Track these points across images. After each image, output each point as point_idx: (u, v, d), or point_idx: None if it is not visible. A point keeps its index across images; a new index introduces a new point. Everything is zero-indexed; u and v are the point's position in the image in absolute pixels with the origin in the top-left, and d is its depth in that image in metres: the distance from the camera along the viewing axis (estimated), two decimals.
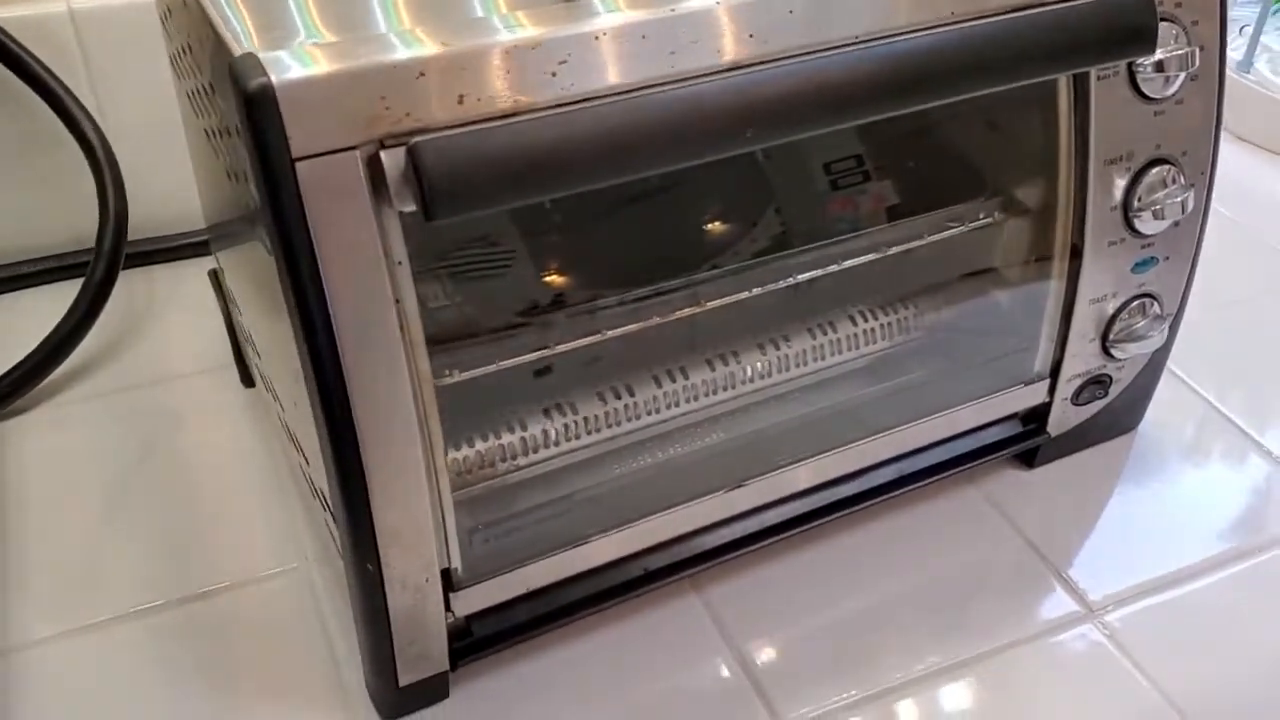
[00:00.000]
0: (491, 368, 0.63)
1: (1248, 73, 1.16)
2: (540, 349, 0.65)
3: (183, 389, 0.89)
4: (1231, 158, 0.73)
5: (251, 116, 0.49)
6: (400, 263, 0.54)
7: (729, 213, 0.76)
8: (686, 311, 0.68)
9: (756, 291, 0.69)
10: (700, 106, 0.53)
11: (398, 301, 0.55)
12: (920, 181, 0.79)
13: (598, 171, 0.52)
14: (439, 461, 0.59)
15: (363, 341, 0.54)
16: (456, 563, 0.62)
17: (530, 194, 0.51)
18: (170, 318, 0.96)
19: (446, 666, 0.65)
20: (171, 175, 0.92)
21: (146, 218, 0.98)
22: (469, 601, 0.64)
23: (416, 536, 0.59)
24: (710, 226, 0.76)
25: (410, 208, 0.52)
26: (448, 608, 0.63)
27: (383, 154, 0.51)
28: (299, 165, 0.50)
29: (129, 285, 0.97)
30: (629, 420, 0.72)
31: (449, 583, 0.62)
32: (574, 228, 0.72)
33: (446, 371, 0.61)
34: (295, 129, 0.49)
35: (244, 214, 0.61)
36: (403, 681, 0.64)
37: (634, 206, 0.72)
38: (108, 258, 0.87)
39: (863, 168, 0.78)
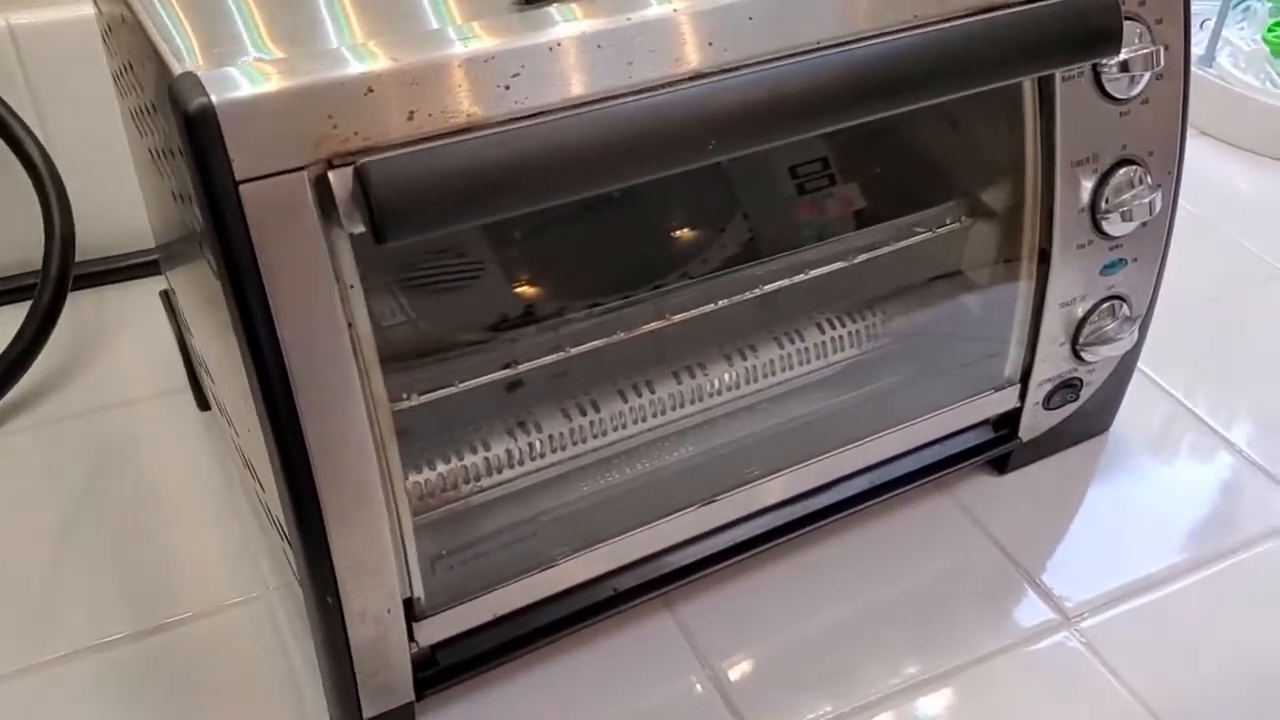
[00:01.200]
0: (451, 389, 0.61)
1: (1209, 67, 1.16)
2: (503, 367, 0.63)
3: (136, 414, 0.87)
4: (1193, 152, 0.72)
5: (192, 138, 0.47)
6: (352, 286, 0.53)
7: (696, 220, 0.75)
8: (653, 325, 0.66)
9: (724, 303, 0.68)
10: (660, 118, 0.52)
11: (350, 325, 0.53)
12: (887, 184, 0.78)
13: (555, 189, 0.50)
14: (398, 488, 0.57)
15: (314, 367, 0.52)
16: (419, 591, 0.60)
17: (485, 214, 0.50)
18: (122, 340, 0.93)
19: (412, 697, 0.63)
20: (120, 194, 0.89)
21: (95, 237, 0.96)
22: (433, 630, 0.62)
23: (377, 567, 0.57)
24: (678, 234, 0.75)
25: (361, 229, 0.50)
26: (411, 638, 0.61)
27: (331, 174, 0.49)
28: (243, 188, 0.48)
29: (78, 307, 0.95)
30: (595, 437, 0.71)
31: (412, 612, 0.61)
32: (536, 239, 0.70)
33: (404, 395, 0.60)
34: (238, 151, 0.48)
35: (191, 236, 0.59)
36: (366, 714, 0.62)
37: (598, 215, 0.71)
38: (55, 281, 0.84)
39: (829, 170, 0.77)
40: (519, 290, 0.70)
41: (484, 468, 0.68)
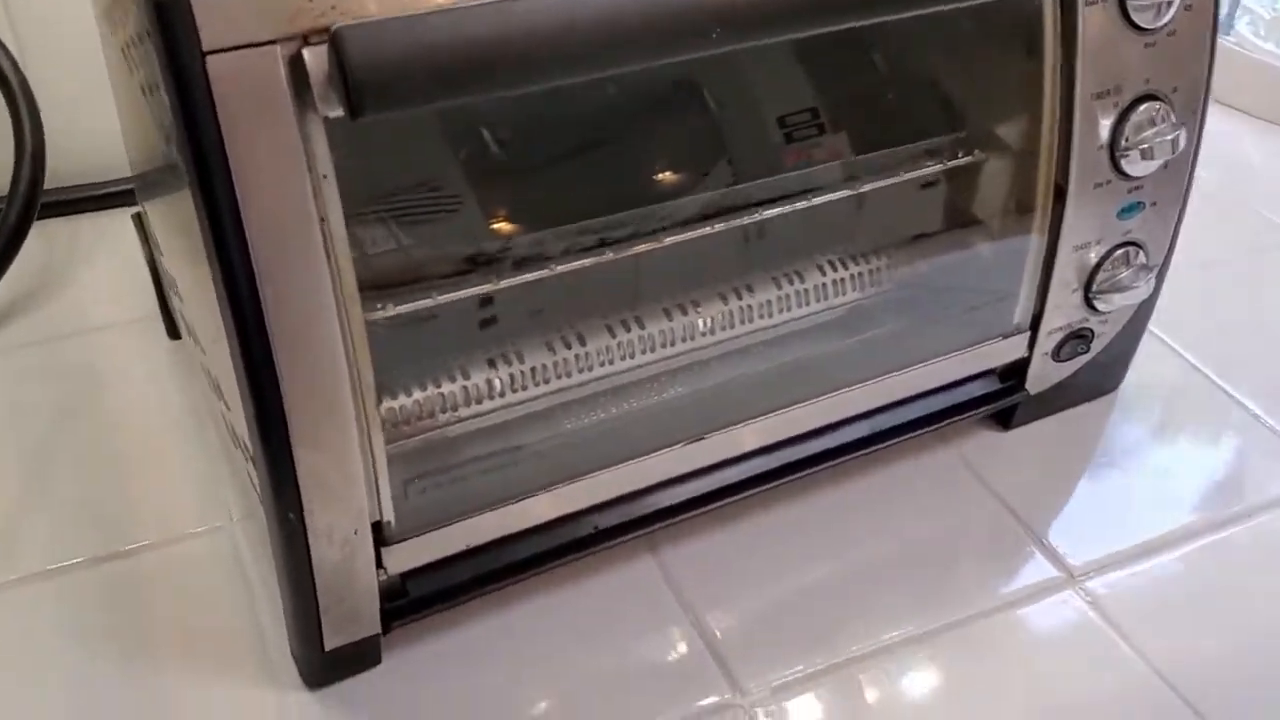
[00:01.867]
0: (428, 302, 0.58)
1: (1228, 34, 1.13)
2: (482, 284, 0.60)
3: (105, 342, 0.83)
4: (1211, 122, 0.69)
5: (157, 5, 0.44)
6: (326, 176, 0.49)
7: (680, 163, 0.71)
8: (642, 248, 0.63)
9: (720, 227, 0.64)
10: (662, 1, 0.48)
11: (323, 220, 0.49)
12: (889, 128, 0.74)
13: (543, 67, 0.47)
14: (369, 402, 0.54)
15: (281, 261, 0.49)
16: (389, 515, 0.57)
17: (466, 89, 0.46)
18: (93, 268, 0.90)
19: (378, 629, 0.60)
20: (100, 118, 0.85)
21: (73, 163, 0.92)
22: (403, 558, 0.58)
23: (343, 484, 0.54)
24: (660, 177, 0.71)
25: (336, 112, 0.47)
26: (379, 564, 0.58)
27: (306, 51, 0.46)
28: (210, 59, 0.45)
29: (50, 234, 0.91)
30: (580, 371, 0.67)
31: (380, 537, 0.57)
32: (520, 176, 0.67)
33: (379, 305, 0.56)
34: (206, 18, 0.44)
35: (159, 133, 0.56)
36: (329, 645, 0.58)
37: (580, 157, 0.67)
38: (23, 199, 0.80)
39: (818, 120, 0.73)
40: (496, 226, 0.67)
41: (462, 397, 0.64)
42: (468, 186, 0.66)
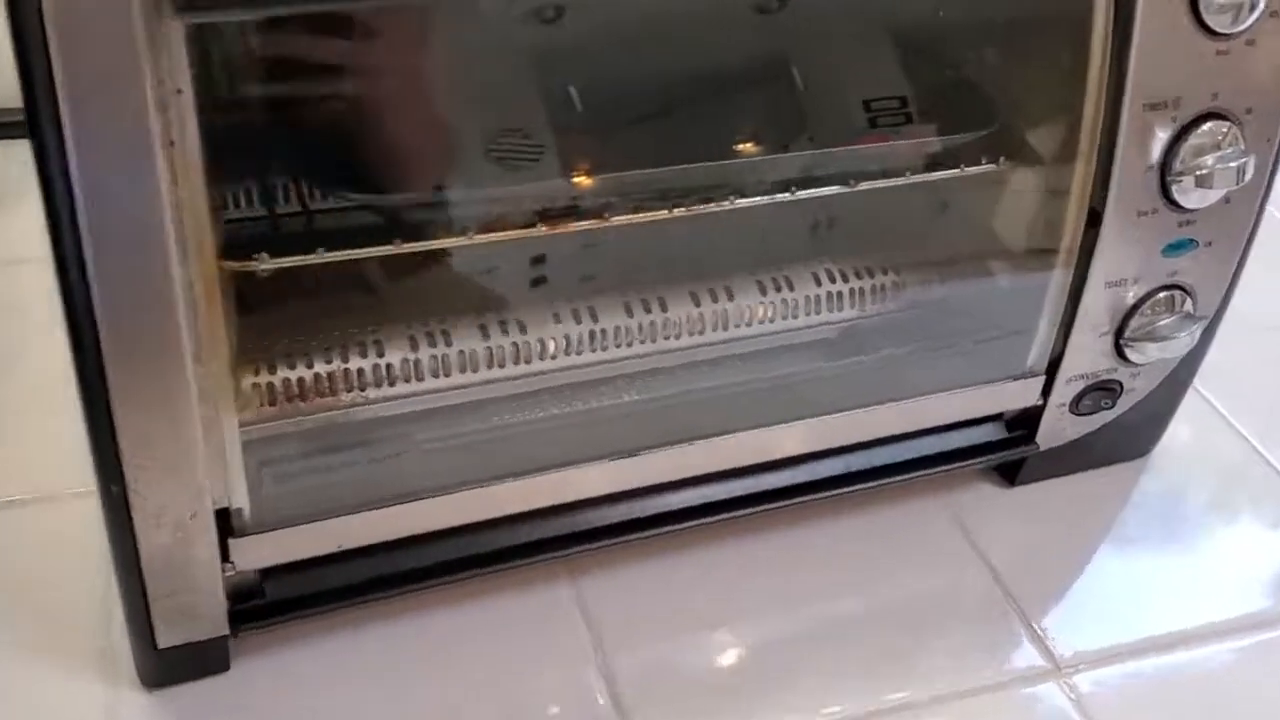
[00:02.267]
0: (313, 258, 0.49)
1: None
2: (383, 246, 0.51)
3: (24, 275, 0.77)
4: None
5: None
6: (180, 91, 0.41)
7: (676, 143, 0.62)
8: (582, 226, 0.54)
9: (679, 212, 0.55)
10: None
11: (171, 144, 0.41)
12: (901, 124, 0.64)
13: None
14: (217, 367, 0.46)
15: (109, 186, 0.41)
16: (240, 502, 0.49)
17: None
18: (24, 199, 0.83)
19: (225, 630, 0.51)
20: None
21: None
22: (256, 553, 0.50)
23: (177, 460, 0.46)
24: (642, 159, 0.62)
25: (199, 18, 0.39)
26: (225, 557, 0.49)
27: None
28: None
29: None
30: (515, 363, 0.59)
31: (228, 526, 0.49)
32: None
33: (254, 255, 0.48)
34: None
35: None
36: (162, 643, 0.50)
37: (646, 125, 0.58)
38: None
39: (906, 109, 0.63)
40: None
41: (373, 377, 0.56)
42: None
